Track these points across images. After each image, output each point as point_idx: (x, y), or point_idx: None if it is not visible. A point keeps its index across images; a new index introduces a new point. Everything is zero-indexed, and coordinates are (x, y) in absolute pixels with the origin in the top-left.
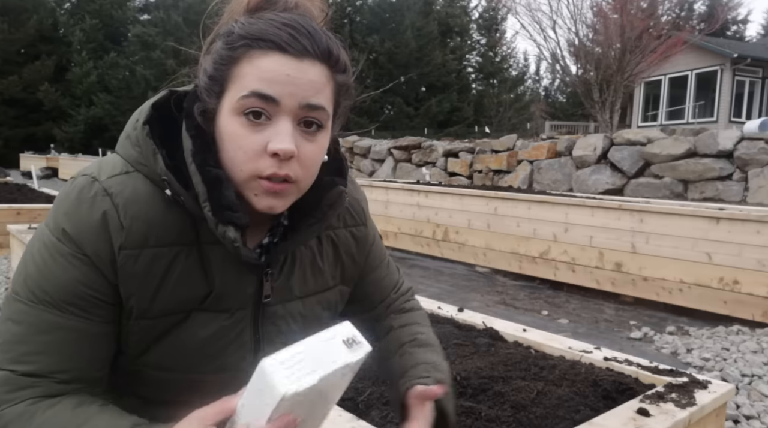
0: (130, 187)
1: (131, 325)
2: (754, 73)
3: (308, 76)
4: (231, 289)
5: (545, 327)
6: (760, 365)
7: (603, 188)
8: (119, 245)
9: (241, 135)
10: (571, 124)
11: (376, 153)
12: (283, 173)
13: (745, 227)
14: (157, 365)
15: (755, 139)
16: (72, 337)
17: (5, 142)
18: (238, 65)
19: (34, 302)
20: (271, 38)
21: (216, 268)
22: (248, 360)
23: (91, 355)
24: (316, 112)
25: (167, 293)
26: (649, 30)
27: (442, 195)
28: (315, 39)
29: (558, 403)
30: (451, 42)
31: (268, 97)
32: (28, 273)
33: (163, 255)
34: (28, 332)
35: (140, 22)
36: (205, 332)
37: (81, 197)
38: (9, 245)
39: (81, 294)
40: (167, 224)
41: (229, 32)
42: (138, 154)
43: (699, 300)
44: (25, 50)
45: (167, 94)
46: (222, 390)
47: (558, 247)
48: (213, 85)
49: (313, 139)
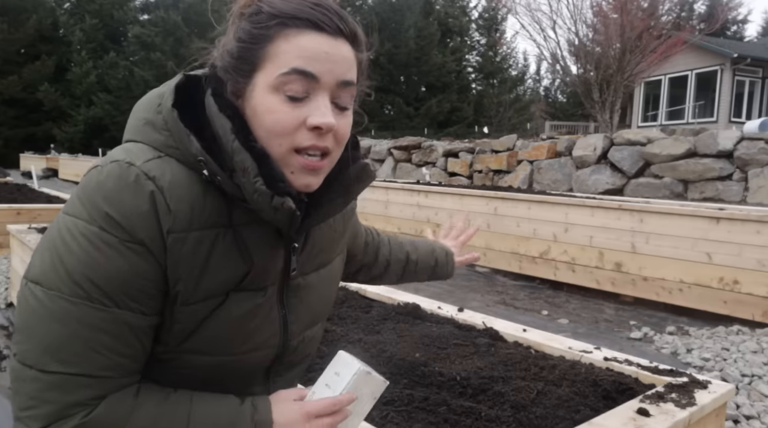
0: (168, 171)
1: (176, 312)
2: (754, 73)
3: (343, 54)
4: (266, 267)
5: (545, 327)
6: (760, 365)
7: (603, 188)
8: (168, 229)
9: (281, 110)
10: (571, 124)
11: (376, 153)
12: (323, 145)
13: (745, 227)
14: (196, 349)
15: (755, 139)
16: (123, 333)
17: (5, 142)
18: (273, 43)
19: (82, 298)
20: (307, 17)
21: (252, 248)
22: (279, 335)
23: (141, 349)
24: (350, 87)
25: (210, 276)
26: (649, 30)
27: (442, 195)
28: (344, 19)
29: (558, 403)
30: (451, 42)
31: (309, 73)
32: (70, 269)
33: (205, 238)
34: (76, 332)
35: (140, 22)
36: (242, 311)
37: (121, 182)
38: (9, 245)
39: (133, 285)
40: (206, 207)
41: (256, 11)
42: (166, 137)
43: (699, 300)
44: (25, 50)
45: (183, 78)
46: (256, 369)
47: (558, 247)
48: (242, 64)
49: (345, 115)
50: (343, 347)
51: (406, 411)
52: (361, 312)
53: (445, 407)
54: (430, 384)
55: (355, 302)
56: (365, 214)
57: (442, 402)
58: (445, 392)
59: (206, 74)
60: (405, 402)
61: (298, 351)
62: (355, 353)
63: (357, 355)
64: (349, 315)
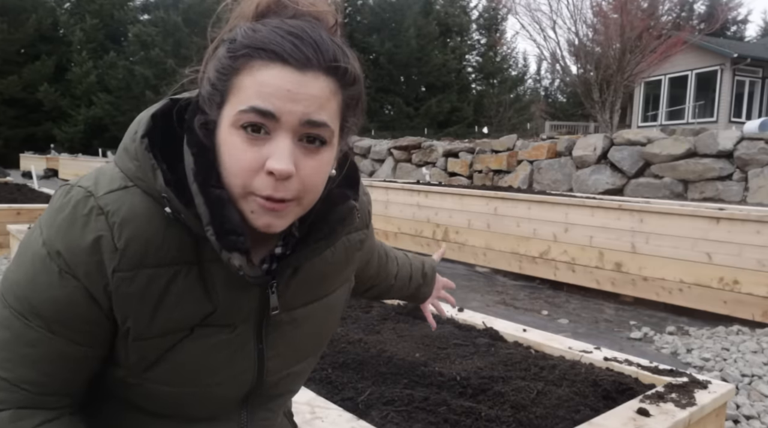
0: (127, 205)
1: (129, 346)
2: (754, 73)
3: (310, 91)
4: (234, 305)
5: (545, 327)
6: (760, 365)
7: (603, 188)
8: (113, 268)
9: (240, 149)
10: (571, 124)
11: (376, 153)
12: (279, 196)
13: (745, 227)
14: (159, 379)
15: (755, 139)
16: (53, 357)
17: (5, 142)
18: (239, 76)
19: (21, 315)
20: (273, 48)
21: (219, 286)
22: (252, 371)
23: (70, 376)
24: (318, 128)
25: (166, 313)
26: (649, 30)
27: (442, 195)
28: (321, 49)
29: (558, 403)
30: (451, 42)
31: (267, 112)
32: (17, 281)
33: (160, 275)
34: (11, 341)
35: (140, 22)
36: (207, 346)
37: (75, 215)
38: (9, 245)
39: (67, 314)
40: (166, 243)
41: (233, 39)
42: (136, 168)
43: (699, 300)
44: (25, 50)
45: (168, 103)
46: (227, 400)
47: (558, 247)
48: (214, 95)
49: (316, 156)
50: (343, 347)
51: (406, 411)
52: (361, 312)
53: (445, 407)
54: (430, 384)
55: (355, 302)
56: None
57: (442, 402)
58: (445, 392)
59: (194, 99)
60: (405, 402)
61: (279, 386)
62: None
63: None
64: (349, 315)
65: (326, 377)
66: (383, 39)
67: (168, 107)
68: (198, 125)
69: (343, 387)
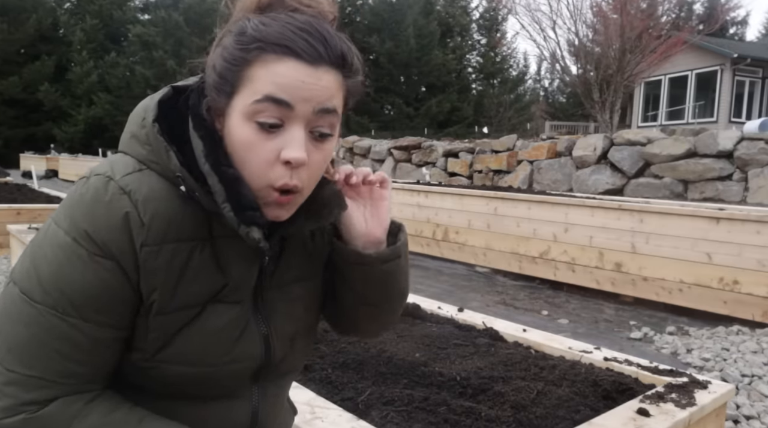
0: (146, 184)
1: (150, 322)
2: (754, 73)
3: (322, 83)
4: (243, 280)
5: (545, 327)
6: (760, 365)
7: (603, 188)
8: (141, 242)
9: (254, 142)
10: (571, 124)
11: (376, 153)
12: (293, 184)
13: (745, 227)
14: (174, 359)
15: (755, 139)
16: (84, 344)
17: (5, 142)
18: (251, 68)
19: (49, 306)
20: (287, 44)
21: (230, 261)
22: (259, 347)
23: (101, 360)
24: (330, 116)
25: (186, 286)
26: (648, 30)
27: (442, 195)
28: (330, 45)
29: (558, 403)
30: (451, 42)
31: (283, 101)
32: (42, 276)
33: (181, 250)
34: (38, 336)
35: (140, 22)
36: (221, 323)
37: (98, 197)
38: (9, 245)
39: (100, 298)
40: (184, 219)
41: (242, 31)
42: (148, 152)
43: (699, 300)
44: (25, 50)
45: (170, 90)
46: (239, 377)
47: (558, 247)
48: (223, 84)
49: (322, 147)
50: (343, 347)
51: (406, 411)
52: None
53: (445, 407)
54: (430, 384)
55: None
56: None
57: (442, 402)
58: (445, 392)
59: (195, 86)
60: (405, 402)
61: (286, 361)
62: (356, 353)
63: (357, 355)
64: None
65: (326, 377)
66: (383, 39)
67: (170, 94)
68: (204, 109)
69: (343, 387)
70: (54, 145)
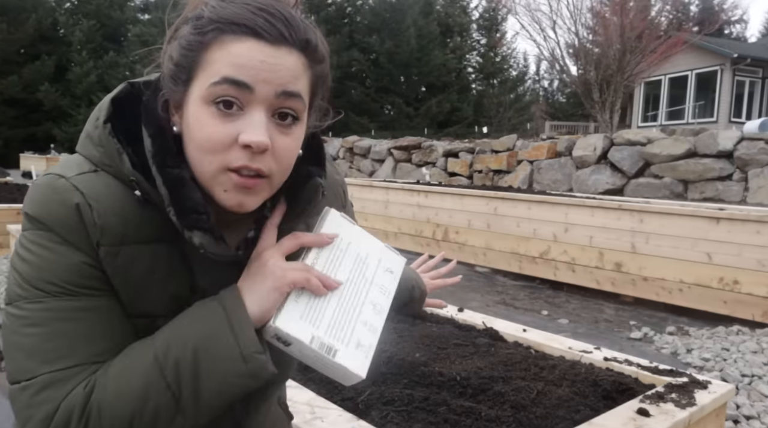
0: (99, 185)
1: None
2: (754, 73)
3: (285, 64)
4: (218, 284)
5: (545, 327)
6: (760, 365)
7: (603, 188)
8: (96, 241)
9: (211, 124)
10: (571, 124)
11: (376, 153)
12: (255, 166)
13: (745, 227)
14: None
15: (755, 139)
16: (95, 316)
17: (5, 142)
18: (209, 50)
19: (45, 295)
20: (245, 23)
21: (202, 264)
22: None
23: (121, 327)
24: (293, 100)
25: (153, 292)
26: (647, 31)
27: (442, 195)
28: (292, 26)
29: (558, 403)
30: (451, 42)
31: (241, 83)
32: (24, 276)
33: (143, 253)
34: (51, 328)
35: (140, 22)
36: None
37: (48, 193)
38: (9, 245)
39: (85, 272)
40: (144, 220)
41: (198, 16)
42: (101, 154)
43: (699, 300)
44: (25, 50)
45: (127, 86)
46: None
47: (558, 247)
48: (179, 72)
49: (288, 132)
50: None
51: (406, 411)
52: None
53: (445, 407)
54: (430, 384)
55: None
56: (365, 213)
57: (442, 402)
58: (445, 392)
59: (153, 81)
60: (405, 402)
61: None
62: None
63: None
64: None
65: (326, 377)
66: (383, 39)
67: (127, 91)
68: (160, 103)
69: (343, 387)
70: (54, 145)
